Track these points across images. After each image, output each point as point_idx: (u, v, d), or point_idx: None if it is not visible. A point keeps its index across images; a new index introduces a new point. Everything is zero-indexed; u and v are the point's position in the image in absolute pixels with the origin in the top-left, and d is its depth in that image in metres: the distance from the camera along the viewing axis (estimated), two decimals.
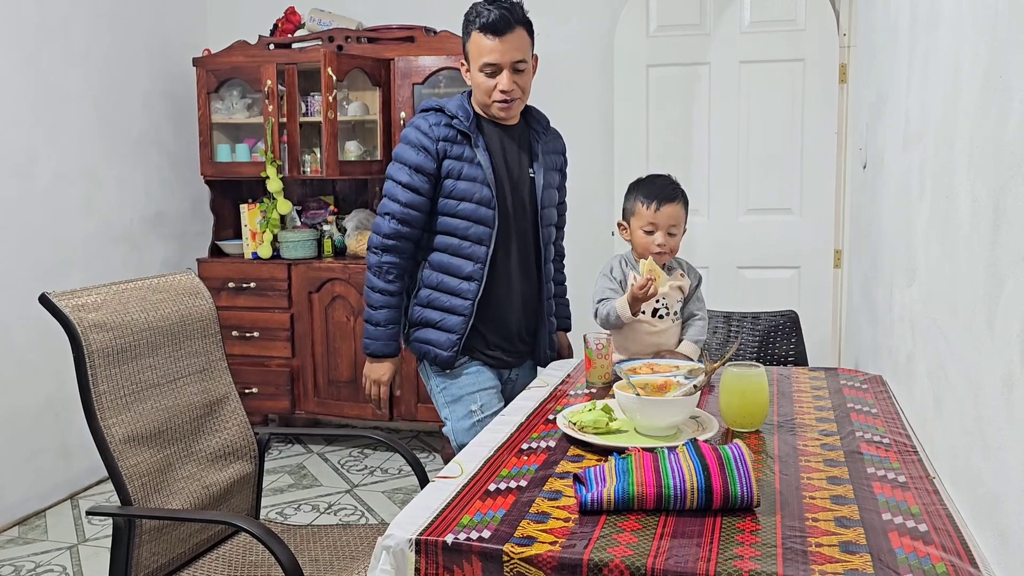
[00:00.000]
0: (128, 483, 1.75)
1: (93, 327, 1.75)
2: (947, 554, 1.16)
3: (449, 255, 2.26)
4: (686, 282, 2.33)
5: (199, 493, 1.91)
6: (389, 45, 3.98)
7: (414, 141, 2.24)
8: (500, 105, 2.24)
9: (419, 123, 2.27)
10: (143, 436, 1.82)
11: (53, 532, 3.29)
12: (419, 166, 2.22)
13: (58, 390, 3.57)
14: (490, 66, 2.18)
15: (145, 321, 1.88)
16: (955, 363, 1.44)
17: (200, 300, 2.05)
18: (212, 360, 2.05)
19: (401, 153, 2.27)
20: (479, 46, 2.18)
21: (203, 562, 1.92)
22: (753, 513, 1.30)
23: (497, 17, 2.15)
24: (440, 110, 2.28)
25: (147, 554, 1.78)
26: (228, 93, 4.16)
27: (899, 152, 2.10)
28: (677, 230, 2.25)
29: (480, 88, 2.23)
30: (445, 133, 2.24)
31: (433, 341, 2.29)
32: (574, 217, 4.03)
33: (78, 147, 3.68)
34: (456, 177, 2.24)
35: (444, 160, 2.23)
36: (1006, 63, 1.18)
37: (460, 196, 2.24)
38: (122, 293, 1.88)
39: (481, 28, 2.16)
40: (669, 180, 2.30)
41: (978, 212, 1.30)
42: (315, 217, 4.24)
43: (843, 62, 3.62)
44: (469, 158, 2.24)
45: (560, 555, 1.18)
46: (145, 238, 4.09)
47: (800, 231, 3.75)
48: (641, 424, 1.65)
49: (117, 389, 1.79)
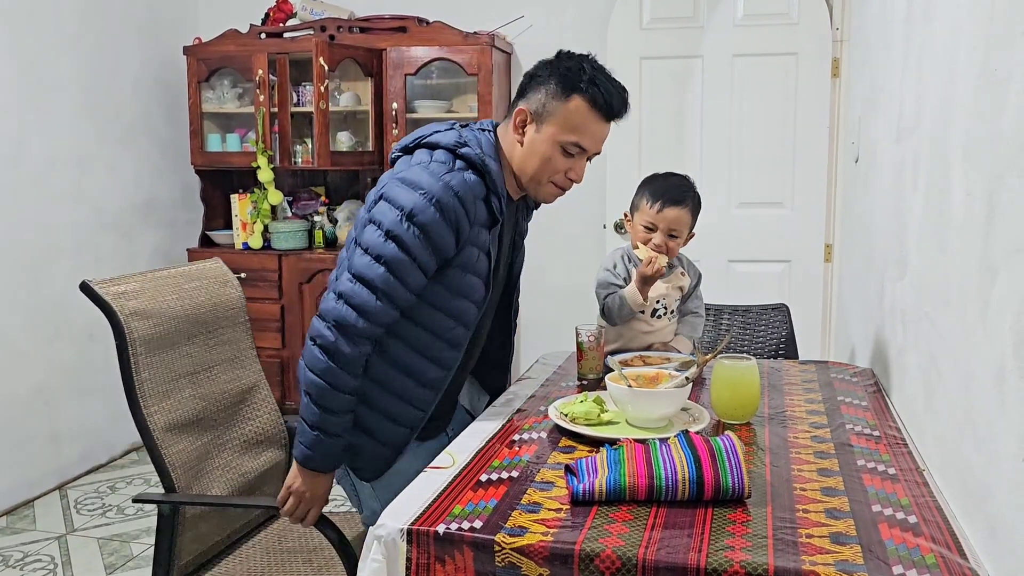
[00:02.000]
0: (172, 471, 1.77)
1: (134, 315, 1.77)
2: (936, 545, 1.16)
3: (416, 354, 1.71)
4: (686, 281, 2.29)
5: (235, 480, 1.94)
6: (381, 35, 3.97)
7: (448, 208, 1.61)
8: (556, 192, 1.79)
9: (457, 184, 1.63)
10: (182, 424, 1.84)
11: (41, 522, 3.28)
12: (441, 246, 1.63)
13: (48, 377, 3.56)
14: (579, 148, 1.72)
15: (181, 309, 1.89)
16: (946, 356, 1.44)
17: (230, 289, 2.07)
18: (242, 349, 2.07)
19: (423, 215, 1.60)
20: (580, 119, 1.69)
21: (242, 550, 1.94)
22: (744, 504, 1.30)
23: (622, 102, 1.73)
24: (483, 173, 1.68)
25: (189, 541, 1.81)
26: (219, 82, 4.14)
27: (892, 145, 2.10)
28: (679, 234, 2.15)
29: (547, 162, 1.72)
30: (482, 214, 1.68)
31: (362, 453, 1.73)
32: (567, 210, 4.04)
33: (67, 134, 3.66)
34: (467, 269, 1.70)
35: (465, 246, 1.67)
36: (1001, 56, 1.18)
37: (461, 292, 1.71)
38: (157, 281, 1.89)
39: (594, 102, 1.69)
40: (683, 182, 2.17)
41: (971, 205, 1.30)
42: (306, 208, 4.23)
43: (836, 56, 3.62)
44: (484, 247, 1.72)
45: (552, 545, 1.18)
46: (135, 226, 4.07)
47: (791, 225, 3.76)
48: (633, 416, 1.65)
49: (157, 377, 1.81)
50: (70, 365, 3.69)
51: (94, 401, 3.81)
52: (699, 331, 2.33)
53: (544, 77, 1.72)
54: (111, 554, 2.99)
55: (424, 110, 3.98)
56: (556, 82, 1.70)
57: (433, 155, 1.69)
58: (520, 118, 1.73)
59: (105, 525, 3.23)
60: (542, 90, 1.71)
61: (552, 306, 3.94)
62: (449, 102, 4.08)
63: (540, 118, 1.71)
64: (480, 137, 1.74)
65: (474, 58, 3.79)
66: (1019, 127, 1.09)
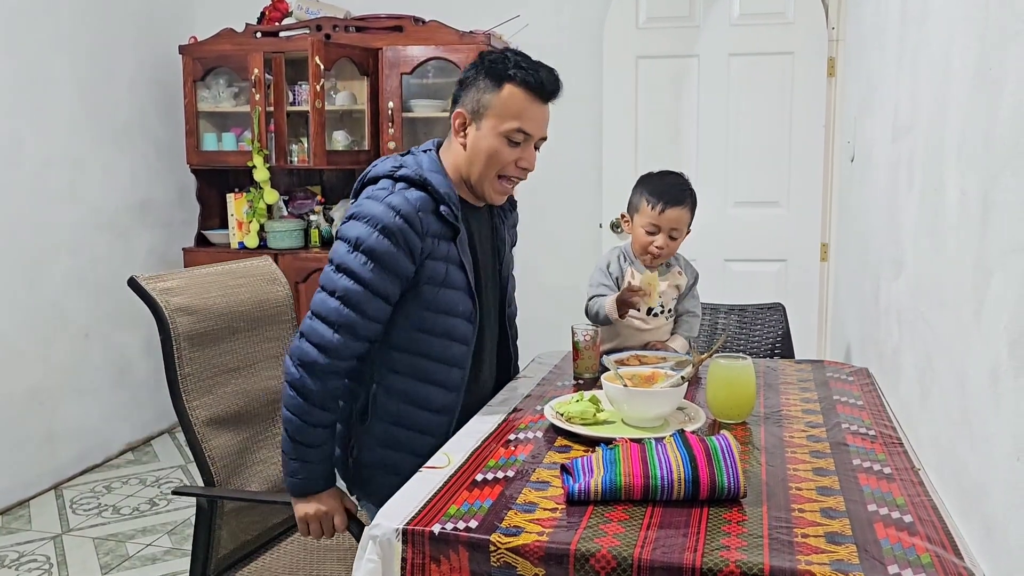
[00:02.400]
0: (211, 464, 1.80)
1: (178, 311, 1.80)
2: (932, 545, 1.16)
3: (416, 381, 1.73)
4: (683, 280, 2.30)
5: (275, 476, 1.96)
6: (377, 34, 3.96)
7: (393, 229, 1.62)
8: (506, 185, 1.79)
9: (398, 203, 1.64)
10: (224, 419, 1.87)
11: (37, 522, 3.27)
12: (396, 268, 1.64)
13: (44, 377, 3.55)
14: (523, 134, 1.72)
15: (225, 306, 1.92)
16: (942, 355, 1.44)
17: (277, 287, 2.09)
18: (287, 346, 2.06)
19: (369, 241, 1.62)
20: (517, 105, 1.71)
21: (281, 546, 1.96)
22: (740, 504, 1.30)
23: (553, 80, 1.74)
24: (424, 186, 1.70)
25: (226, 535, 1.84)
26: (215, 81, 4.13)
27: (888, 145, 2.10)
28: (679, 234, 2.18)
29: (494, 156, 1.73)
30: (434, 226, 1.69)
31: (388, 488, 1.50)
32: (564, 209, 4.05)
33: (63, 134, 3.65)
34: (439, 284, 1.71)
35: (426, 260, 1.69)
36: (997, 56, 1.19)
37: (442, 309, 1.72)
38: (203, 278, 1.92)
39: (525, 84, 1.71)
40: (679, 180, 2.19)
41: (967, 204, 1.30)
42: (302, 207, 4.22)
43: (832, 56, 3.63)
44: (454, 259, 1.73)
45: (547, 545, 1.18)
46: (131, 226, 4.06)
47: (787, 225, 3.76)
48: (629, 415, 1.65)
49: (200, 372, 1.83)
50: (66, 365, 3.68)
51: (90, 401, 3.80)
52: (695, 331, 2.33)
53: (473, 77, 1.75)
54: (107, 554, 2.99)
55: (420, 109, 3.98)
56: (485, 77, 1.73)
57: (375, 186, 1.72)
58: (459, 121, 1.76)
59: (101, 525, 3.23)
60: (473, 89, 1.74)
61: (548, 305, 3.93)
62: (445, 101, 4.07)
63: (478, 115, 1.73)
64: (419, 157, 1.78)
65: (470, 57, 3.76)
66: (1014, 127, 1.09)
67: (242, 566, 1.87)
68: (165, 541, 3.08)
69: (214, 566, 1.81)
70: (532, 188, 4.11)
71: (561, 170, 3.99)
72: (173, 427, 4.27)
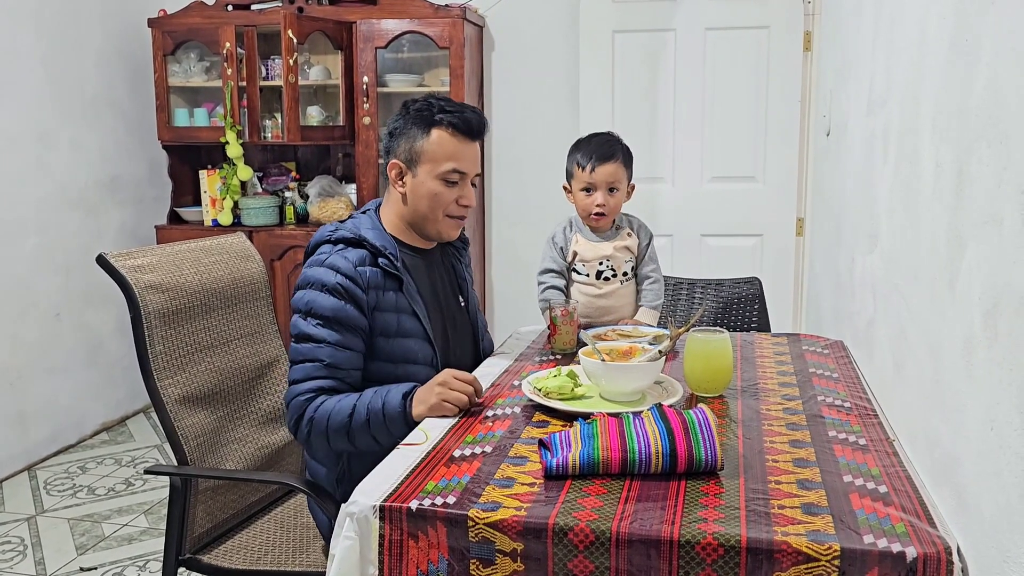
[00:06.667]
0: (184, 443, 1.78)
1: (149, 288, 1.78)
2: (906, 514, 1.17)
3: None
4: (633, 241, 2.28)
5: (252, 455, 1.95)
6: (351, 8, 3.90)
7: (336, 287, 1.70)
8: (454, 223, 1.86)
9: (337, 262, 1.72)
10: (197, 397, 1.85)
11: (10, 503, 3.24)
12: (349, 322, 1.70)
13: (12, 357, 3.50)
14: (458, 173, 1.80)
15: (199, 283, 1.90)
16: (916, 327, 1.45)
17: (252, 264, 2.07)
18: (263, 323, 2.08)
19: (317, 303, 1.70)
20: (449, 147, 1.78)
21: (257, 524, 1.95)
22: (717, 476, 1.31)
23: (478, 119, 1.82)
24: (360, 244, 1.77)
25: (202, 514, 1.83)
26: (185, 56, 4.05)
27: (863, 118, 2.11)
28: (618, 187, 2.20)
29: (435, 198, 1.80)
30: (376, 279, 1.75)
31: None
32: (540, 186, 4.03)
33: (29, 109, 3.57)
34: (393, 335, 1.77)
35: (374, 312, 1.74)
36: (972, 26, 1.18)
37: (400, 359, 1.78)
38: (176, 255, 1.90)
39: (453, 126, 1.78)
40: (607, 138, 2.22)
41: (941, 176, 1.31)
42: (276, 183, 4.17)
43: (808, 29, 3.62)
44: (404, 308, 1.78)
45: (525, 519, 1.18)
46: (101, 203, 3.99)
47: (763, 199, 3.77)
48: (606, 389, 1.65)
49: (172, 350, 1.81)
50: (37, 344, 3.63)
51: (62, 380, 3.75)
52: (660, 297, 2.31)
53: (402, 127, 1.82)
54: (82, 535, 2.96)
55: (395, 84, 3.93)
56: (414, 125, 1.80)
57: (316, 254, 1.79)
58: (395, 171, 1.83)
59: (76, 506, 3.20)
60: (404, 138, 1.81)
61: (525, 280, 3.92)
62: (420, 76, 4.03)
63: (412, 163, 1.81)
64: (357, 218, 1.86)
65: (445, 31, 3.74)
66: (988, 97, 1.09)
67: (218, 544, 1.86)
68: (142, 521, 3.07)
69: (189, 545, 1.80)
70: (511, 163, 4.11)
71: (538, 144, 3.97)
72: (148, 407, 4.23)
